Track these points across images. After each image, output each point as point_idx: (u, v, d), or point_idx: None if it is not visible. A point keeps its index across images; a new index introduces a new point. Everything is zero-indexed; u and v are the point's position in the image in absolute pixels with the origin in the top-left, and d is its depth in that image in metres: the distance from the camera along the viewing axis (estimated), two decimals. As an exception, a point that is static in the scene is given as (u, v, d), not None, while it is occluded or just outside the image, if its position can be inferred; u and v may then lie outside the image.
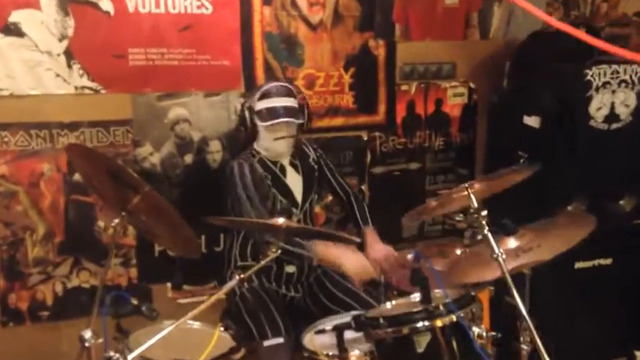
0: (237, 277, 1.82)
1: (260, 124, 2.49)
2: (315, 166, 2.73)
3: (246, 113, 2.52)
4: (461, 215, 2.31)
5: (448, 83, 3.42)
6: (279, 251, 1.85)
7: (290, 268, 2.57)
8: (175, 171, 2.94)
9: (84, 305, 2.75)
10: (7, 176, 2.71)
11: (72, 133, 2.77)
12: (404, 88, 3.33)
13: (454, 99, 3.44)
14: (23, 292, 2.80)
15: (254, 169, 2.51)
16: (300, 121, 2.55)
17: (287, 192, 2.60)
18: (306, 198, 2.65)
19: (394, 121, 3.33)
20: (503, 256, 1.82)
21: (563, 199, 2.98)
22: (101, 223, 2.88)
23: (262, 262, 1.83)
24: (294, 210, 2.57)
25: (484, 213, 1.87)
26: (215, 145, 3.00)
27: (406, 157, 3.38)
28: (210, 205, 2.61)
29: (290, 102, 2.53)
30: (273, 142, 2.52)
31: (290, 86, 2.62)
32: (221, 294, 1.83)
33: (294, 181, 2.63)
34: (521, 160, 3.14)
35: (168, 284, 3.01)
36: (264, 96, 2.52)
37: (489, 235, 1.86)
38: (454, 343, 1.85)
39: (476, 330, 1.87)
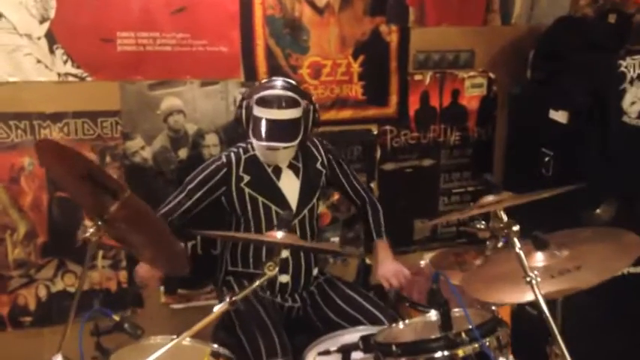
0: (227, 298, 1.59)
1: (251, 136, 2.28)
2: (323, 171, 2.51)
3: (243, 113, 2.33)
4: (483, 223, 2.06)
5: (466, 73, 3.19)
6: (277, 270, 1.62)
7: (283, 278, 2.39)
8: (169, 166, 2.75)
9: (69, 311, 2.56)
10: None
11: (55, 125, 2.57)
12: (417, 78, 3.11)
13: (472, 90, 3.22)
14: (3, 296, 2.63)
15: (218, 171, 2.36)
16: (299, 140, 2.32)
17: (278, 196, 2.38)
18: (304, 205, 2.43)
19: (406, 114, 3.12)
20: (538, 279, 1.57)
21: (591, 201, 2.75)
22: (88, 223, 2.66)
23: (257, 283, 1.61)
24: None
25: (515, 228, 1.63)
26: (212, 139, 2.80)
27: (419, 152, 3.18)
28: (207, 204, 2.42)
29: (286, 115, 2.27)
30: (267, 152, 2.32)
31: (295, 96, 2.32)
32: (212, 318, 1.61)
33: (290, 185, 2.41)
34: (546, 159, 2.90)
35: (161, 288, 2.84)
36: (264, 103, 2.27)
37: (522, 254, 1.61)
38: None
39: None
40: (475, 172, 3.27)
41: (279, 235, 1.71)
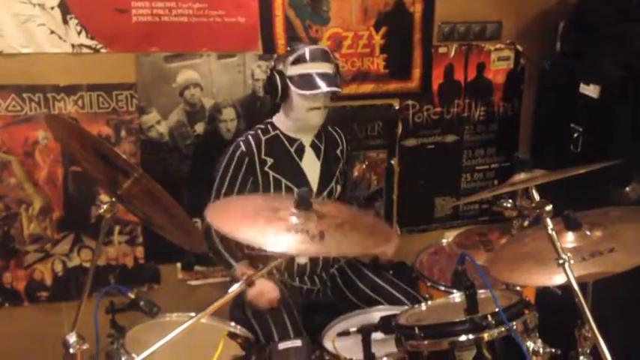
0: (242, 279, 1.53)
1: (296, 91, 2.21)
2: (342, 159, 2.47)
3: (277, 78, 2.23)
4: (510, 201, 1.97)
5: (492, 45, 3.08)
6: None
7: (301, 260, 2.34)
8: (185, 141, 2.70)
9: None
10: None
11: (69, 98, 2.51)
12: (442, 50, 3.01)
13: (498, 63, 3.11)
14: (19, 271, 2.61)
15: (241, 163, 2.28)
16: (339, 89, 2.28)
17: (299, 176, 2.33)
18: (324, 186, 2.38)
19: (430, 88, 3.02)
20: (571, 262, 1.49)
21: (621, 180, 2.64)
22: (104, 198, 2.62)
23: (271, 265, 1.54)
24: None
25: (548, 208, 1.54)
26: (229, 113, 2.73)
27: (442, 128, 3.10)
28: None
29: (327, 68, 2.26)
30: (307, 113, 2.26)
31: (327, 49, 2.36)
32: (226, 299, 1.55)
33: (311, 165, 2.36)
34: (574, 135, 2.79)
35: (178, 264, 2.81)
36: (299, 60, 2.24)
37: (554, 235, 1.52)
38: None
39: (530, 345, 1.58)
40: (500, 149, 3.18)
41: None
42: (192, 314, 2.09)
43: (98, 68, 2.51)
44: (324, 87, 2.19)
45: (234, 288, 1.55)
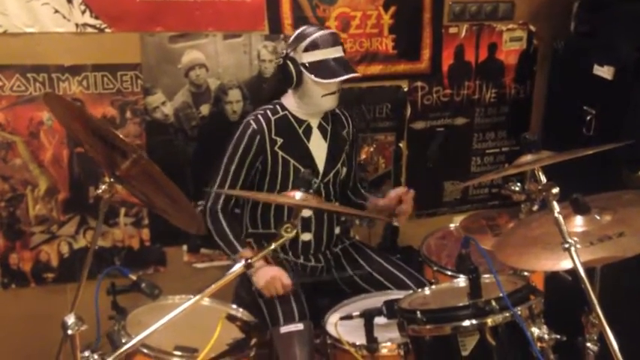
0: (242, 260, 1.51)
1: (313, 79, 2.17)
2: (348, 141, 2.43)
3: (291, 66, 2.20)
4: (518, 185, 1.93)
5: (504, 25, 3.02)
6: (295, 232, 1.52)
7: (305, 236, 2.31)
8: (190, 123, 2.67)
9: (92, 267, 2.54)
10: (4, 124, 2.47)
11: (74, 78, 2.49)
12: (452, 30, 2.95)
13: (510, 44, 3.06)
14: (25, 252, 2.60)
15: (252, 141, 2.23)
16: (359, 74, 2.26)
17: (307, 157, 2.30)
18: (330, 167, 2.35)
19: (439, 70, 2.98)
20: (577, 246, 1.45)
21: (635, 163, 2.58)
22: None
23: (273, 245, 1.52)
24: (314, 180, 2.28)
25: (555, 191, 1.49)
26: (234, 95, 2.70)
27: (452, 110, 3.05)
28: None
29: (340, 52, 2.22)
30: (322, 99, 2.23)
31: (335, 31, 2.33)
32: (227, 280, 1.54)
33: (318, 146, 2.33)
34: (587, 117, 2.72)
35: (184, 247, 2.80)
36: (313, 47, 2.19)
37: (560, 218, 1.48)
38: (508, 347, 1.54)
39: (535, 331, 1.55)
40: (511, 132, 3.12)
41: (297, 195, 1.61)
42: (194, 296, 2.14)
43: (103, 48, 2.49)
44: (343, 74, 2.16)
45: (234, 269, 1.52)
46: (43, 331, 2.56)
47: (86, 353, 1.27)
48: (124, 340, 1.78)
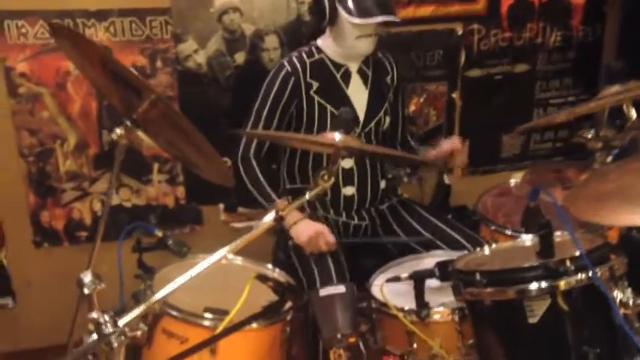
0: (273, 211, 1.33)
1: (348, 18, 2.01)
2: (392, 87, 2.25)
3: (325, 1, 2.05)
4: (592, 131, 1.70)
5: (572, -41, 2.81)
6: (333, 179, 1.33)
7: (348, 190, 2.16)
8: (225, 72, 2.54)
9: (123, 226, 2.46)
10: (29, 75, 2.36)
11: (100, 24, 2.37)
12: (513, -35, 2.75)
13: (579, -19, 2.84)
14: (57, 209, 2.53)
15: (286, 84, 2.09)
16: (396, 19, 2.06)
17: (345, 104, 2.12)
18: (371, 117, 2.18)
19: (498, 11, 2.79)
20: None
21: None
22: (140, 134, 2.47)
23: (307, 196, 1.33)
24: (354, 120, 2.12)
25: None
26: (272, 41, 2.55)
27: (511, 56, 2.87)
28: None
29: None
30: (356, 41, 2.06)
31: None
32: (255, 235, 1.36)
33: (358, 92, 2.16)
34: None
35: (221, 206, 2.70)
36: None
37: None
38: (583, 314, 1.34)
39: (618, 295, 1.34)
40: (578, 80, 2.94)
41: (336, 137, 1.42)
42: (229, 255, 2.00)
43: (130, -9, 2.35)
44: (378, 15, 1.99)
45: (264, 221, 1.35)
46: (77, 292, 2.49)
47: (95, 314, 1.13)
48: (149, 301, 1.65)
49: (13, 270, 2.53)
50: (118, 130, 1.43)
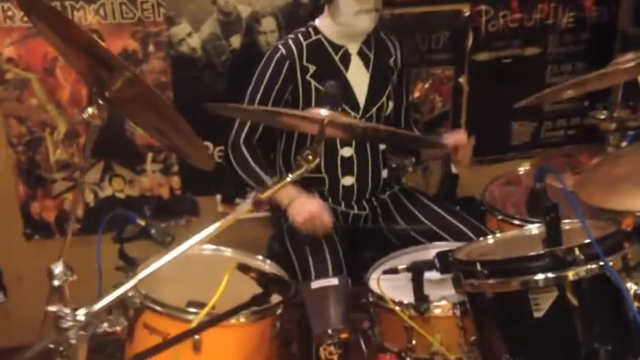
0: (251, 196, 1.24)
1: None
2: (395, 70, 2.16)
3: None
4: (604, 112, 1.59)
5: (585, -64, 2.71)
6: (318, 159, 1.23)
7: (347, 180, 2.08)
8: (220, 57, 2.48)
9: (119, 217, 2.40)
10: (16, 60, 2.30)
11: (89, 6, 2.30)
12: (523, -58, 2.66)
13: (593, -42, 2.75)
14: (48, 200, 2.47)
15: (280, 68, 2.02)
16: None
17: (345, 89, 2.03)
18: (373, 102, 2.09)
19: None
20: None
21: None
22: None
23: (290, 177, 1.23)
24: (351, 113, 2.05)
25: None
26: (269, 24, 2.48)
27: (521, 39, 2.78)
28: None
29: None
30: (356, 17, 1.98)
31: None
32: (234, 218, 1.27)
33: (358, 75, 2.08)
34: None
35: (218, 196, 2.63)
36: None
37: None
38: (593, 307, 1.25)
39: (632, 287, 1.24)
40: (591, 63, 2.80)
41: (322, 112, 1.32)
42: (221, 247, 1.91)
43: (119, -29, 2.27)
44: None
45: (242, 206, 1.26)
46: (69, 284, 2.42)
47: (54, 307, 1.04)
48: (130, 294, 1.56)
49: (3, 264, 2.47)
50: (90, 110, 1.33)
